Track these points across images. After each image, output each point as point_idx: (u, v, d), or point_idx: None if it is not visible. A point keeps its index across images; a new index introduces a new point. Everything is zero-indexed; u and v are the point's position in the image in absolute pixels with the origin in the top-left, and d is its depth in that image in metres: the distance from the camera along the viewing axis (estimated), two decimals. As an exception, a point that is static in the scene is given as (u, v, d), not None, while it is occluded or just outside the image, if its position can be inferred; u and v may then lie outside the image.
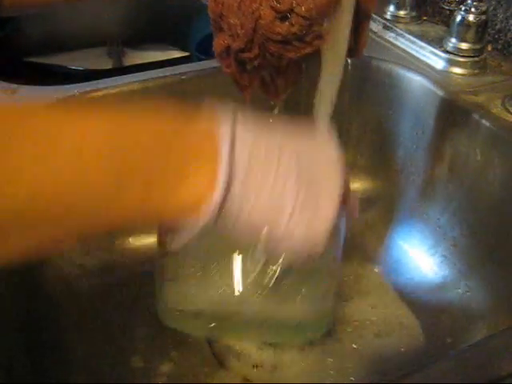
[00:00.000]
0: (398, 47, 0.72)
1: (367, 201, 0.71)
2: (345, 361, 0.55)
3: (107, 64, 0.94)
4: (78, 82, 0.63)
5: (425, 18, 0.78)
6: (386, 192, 0.72)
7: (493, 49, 0.70)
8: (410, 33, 0.73)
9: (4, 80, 0.62)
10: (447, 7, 0.71)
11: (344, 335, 0.58)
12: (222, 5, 0.42)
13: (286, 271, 0.45)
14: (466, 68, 0.66)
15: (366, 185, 0.73)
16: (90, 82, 0.63)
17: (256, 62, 0.42)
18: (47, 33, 0.95)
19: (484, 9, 0.64)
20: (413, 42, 0.71)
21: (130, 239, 0.68)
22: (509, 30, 0.68)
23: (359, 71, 0.69)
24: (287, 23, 0.40)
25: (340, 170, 0.36)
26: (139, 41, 0.98)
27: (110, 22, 0.99)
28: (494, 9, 0.68)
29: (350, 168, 0.71)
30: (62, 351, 0.56)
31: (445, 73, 0.67)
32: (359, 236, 0.68)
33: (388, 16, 0.77)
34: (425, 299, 0.61)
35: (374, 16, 0.77)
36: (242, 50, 0.42)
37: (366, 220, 0.70)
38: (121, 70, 0.72)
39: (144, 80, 0.64)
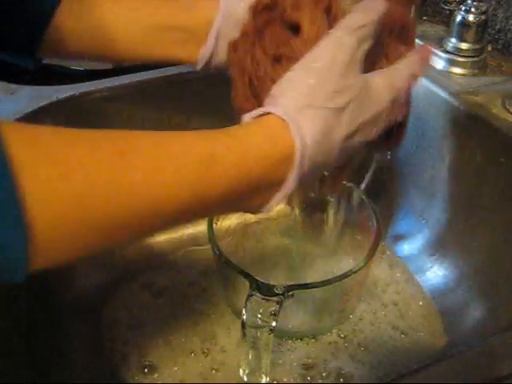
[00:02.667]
0: (398, 47, 0.72)
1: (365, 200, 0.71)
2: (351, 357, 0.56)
3: (107, 64, 0.94)
4: (78, 82, 0.63)
5: (425, 18, 0.78)
6: (385, 192, 0.72)
7: (493, 49, 0.70)
8: (410, 33, 0.73)
9: (4, 80, 0.62)
10: (447, 7, 0.71)
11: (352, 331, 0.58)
12: None
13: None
14: (466, 68, 0.66)
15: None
16: (90, 82, 0.63)
17: None
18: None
19: (484, 9, 0.64)
20: (413, 42, 0.71)
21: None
22: (509, 29, 0.68)
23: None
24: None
25: None
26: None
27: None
28: (494, 9, 0.68)
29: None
30: (62, 351, 0.56)
31: (445, 73, 0.67)
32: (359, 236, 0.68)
33: (388, 16, 0.77)
34: (425, 299, 0.61)
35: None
36: None
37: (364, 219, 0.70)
38: (121, 70, 0.71)
39: (144, 80, 0.64)
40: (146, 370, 0.54)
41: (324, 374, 0.54)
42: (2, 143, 0.22)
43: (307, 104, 0.33)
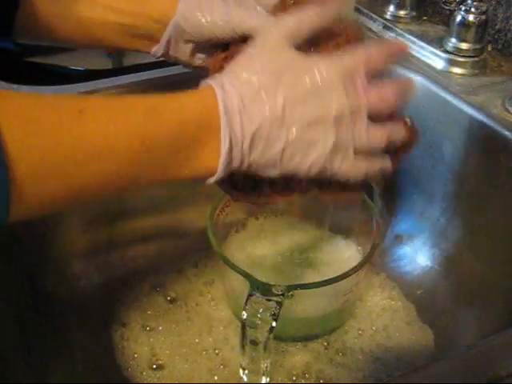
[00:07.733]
0: (398, 47, 0.72)
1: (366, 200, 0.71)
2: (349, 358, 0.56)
3: (107, 64, 0.94)
4: (78, 82, 0.63)
5: (425, 18, 0.78)
6: (385, 192, 0.71)
7: (493, 49, 0.70)
8: (410, 33, 0.73)
9: (4, 80, 0.62)
10: (447, 7, 0.71)
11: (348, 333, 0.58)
12: None
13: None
14: (466, 68, 0.66)
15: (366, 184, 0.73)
16: (90, 82, 0.63)
17: None
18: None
19: (484, 9, 0.64)
20: (413, 42, 0.71)
21: (129, 240, 0.68)
22: (509, 30, 0.68)
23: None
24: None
25: None
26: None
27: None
28: (494, 9, 0.68)
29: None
30: (62, 351, 0.56)
31: (445, 73, 0.67)
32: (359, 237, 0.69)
33: (388, 16, 0.77)
34: (425, 299, 0.61)
35: (374, 16, 0.77)
36: None
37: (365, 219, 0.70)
38: (121, 70, 0.71)
39: (144, 80, 0.64)
40: (154, 366, 0.55)
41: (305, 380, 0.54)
42: None
43: (235, 76, 0.38)
